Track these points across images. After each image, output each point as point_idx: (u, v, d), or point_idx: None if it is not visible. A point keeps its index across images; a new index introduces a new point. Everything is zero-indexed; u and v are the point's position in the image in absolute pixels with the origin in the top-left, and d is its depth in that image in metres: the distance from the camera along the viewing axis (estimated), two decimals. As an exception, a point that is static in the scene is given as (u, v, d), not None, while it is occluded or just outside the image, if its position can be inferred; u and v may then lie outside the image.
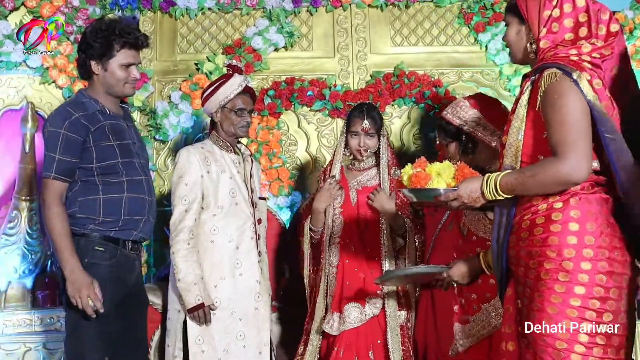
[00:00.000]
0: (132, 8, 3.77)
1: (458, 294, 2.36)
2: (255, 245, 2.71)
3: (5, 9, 3.65)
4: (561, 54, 1.80)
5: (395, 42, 3.89)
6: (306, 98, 3.73)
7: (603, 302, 1.69)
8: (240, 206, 2.71)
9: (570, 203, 1.75)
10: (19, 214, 3.47)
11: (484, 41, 3.83)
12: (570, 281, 1.70)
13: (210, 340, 2.60)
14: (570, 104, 1.72)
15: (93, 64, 2.39)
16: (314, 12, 3.86)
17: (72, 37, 3.66)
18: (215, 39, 3.85)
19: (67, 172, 2.31)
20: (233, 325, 2.63)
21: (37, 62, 3.64)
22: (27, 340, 3.33)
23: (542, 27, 1.84)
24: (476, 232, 2.39)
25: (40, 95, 3.67)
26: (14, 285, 3.42)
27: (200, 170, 2.66)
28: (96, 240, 2.34)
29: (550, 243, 1.74)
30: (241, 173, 2.78)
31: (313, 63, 3.85)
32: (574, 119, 1.71)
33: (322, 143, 3.79)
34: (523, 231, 1.81)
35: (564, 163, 1.70)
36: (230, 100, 2.73)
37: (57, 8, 3.65)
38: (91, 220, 2.35)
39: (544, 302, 1.72)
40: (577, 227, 1.73)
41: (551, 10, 1.83)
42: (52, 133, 2.31)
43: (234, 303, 2.64)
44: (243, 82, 2.76)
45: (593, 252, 1.71)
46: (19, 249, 3.43)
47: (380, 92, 3.72)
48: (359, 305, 2.64)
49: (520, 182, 1.77)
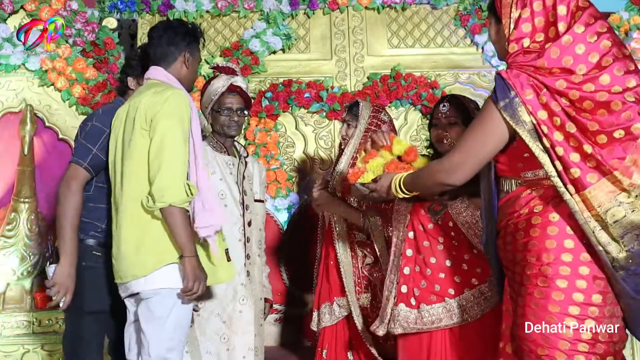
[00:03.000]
0: (130, 11, 3.80)
1: (414, 276, 2.28)
2: (242, 248, 2.69)
3: (4, 12, 3.67)
4: (522, 62, 1.69)
5: (392, 44, 3.91)
6: (303, 100, 3.75)
7: (584, 308, 1.63)
8: (229, 208, 2.69)
9: (549, 206, 1.71)
10: (17, 216, 3.48)
11: (481, 43, 3.86)
12: (549, 287, 1.65)
13: (194, 343, 2.58)
14: (487, 125, 1.73)
15: (130, 80, 2.55)
16: (311, 14, 3.88)
17: (70, 40, 3.68)
18: (213, 42, 3.86)
19: (95, 168, 2.35)
20: (217, 328, 2.61)
21: (36, 65, 3.66)
22: (25, 342, 3.36)
23: (512, 28, 1.74)
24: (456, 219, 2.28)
25: (39, 98, 3.69)
26: (13, 287, 3.43)
27: None
28: (94, 246, 2.36)
29: (531, 247, 1.70)
30: (234, 174, 2.76)
31: (310, 65, 3.87)
32: (477, 136, 1.74)
33: (320, 145, 3.81)
34: (508, 235, 1.79)
35: (440, 166, 1.82)
36: (216, 101, 2.74)
37: (56, 11, 3.67)
38: (94, 226, 2.37)
39: (526, 307, 1.69)
40: (556, 231, 1.68)
41: (521, 10, 1.72)
42: (97, 128, 2.35)
43: (217, 305, 2.62)
44: (227, 82, 2.74)
45: (572, 256, 1.66)
46: (18, 251, 3.44)
47: (377, 94, 3.74)
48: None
49: (411, 181, 1.96)
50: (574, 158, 1.61)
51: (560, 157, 1.62)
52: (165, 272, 2.11)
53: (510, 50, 1.74)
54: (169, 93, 2.18)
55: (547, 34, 1.70)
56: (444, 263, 2.25)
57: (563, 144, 1.62)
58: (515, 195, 1.79)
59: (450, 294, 2.21)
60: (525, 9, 1.72)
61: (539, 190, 1.74)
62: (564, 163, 1.62)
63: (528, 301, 1.69)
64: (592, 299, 1.64)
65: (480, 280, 2.20)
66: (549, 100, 1.63)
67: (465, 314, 2.18)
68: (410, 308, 2.25)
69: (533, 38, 1.71)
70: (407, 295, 2.27)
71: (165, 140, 2.12)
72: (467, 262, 2.23)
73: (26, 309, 3.40)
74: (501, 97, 1.67)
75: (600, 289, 1.65)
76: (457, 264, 2.23)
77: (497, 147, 1.74)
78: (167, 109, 2.14)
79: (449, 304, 2.20)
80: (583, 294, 1.64)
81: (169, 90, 2.20)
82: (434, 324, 2.20)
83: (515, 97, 1.65)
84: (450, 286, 2.22)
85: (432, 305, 2.22)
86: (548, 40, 1.69)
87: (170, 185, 2.09)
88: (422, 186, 1.94)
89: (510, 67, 1.71)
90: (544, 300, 1.66)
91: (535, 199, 1.74)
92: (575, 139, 1.62)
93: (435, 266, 2.25)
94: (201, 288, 2.11)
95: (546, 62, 1.65)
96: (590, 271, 1.65)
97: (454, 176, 1.79)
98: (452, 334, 2.20)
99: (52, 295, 2.27)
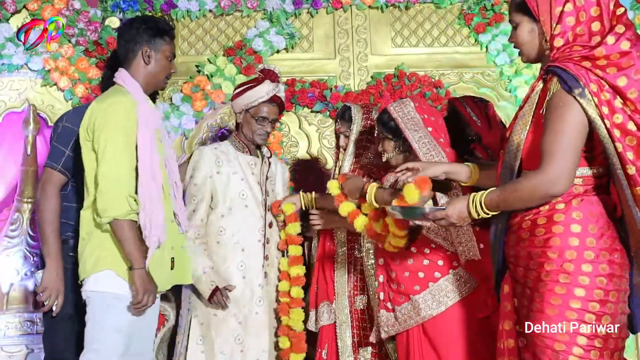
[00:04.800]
0: (133, 10, 3.78)
1: (387, 283, 2.40)
2: (262, 249, 2.70)
3: (6, 11, 3.66)
4: (575, 55, 1.74)
5: (396, 43, 3.89)
6: (307, 99, 3.74)
7: (602, 305, 1.69)
8: (250, 208, 2.70)
9: (572, 204, 1.75)
10: (20, 216, 3.48)
11: (485, 42, 3.84)
12: (571, 283, 1.69)
13: (210, 343, 2.59)
14: (570, 117, 1.69)
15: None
16: (314, 13, 3.87)
17: (73, 40, 3.67)
18: (216, 41, 3.85)
19: (70, 169, 2.36)
20: (232, 329, 2.62)
21: (39, 65, 3.65)
22: (29, 342, 3.35)
23: (554, 23, 1.77)
24: None
25: (41, 98, 3.68)
26: (16, 287, 3.42)
27: (209, 171, 2.67)
28: (71, 247, 2.37)
29: (552, 244, 1.73)
30: (256, 175, 2.76)
31: (314, 64, 3.85)
32: (567, 133, 1.69)
33: (323, 144, 3.80)
34: (524, 231, 1.81)
35: (542, 177, 1.71)
36: (255, 107, 2.72)
37: (59, 11, 3.66)
38: (70, 226, 2.37)
39: (544, 303, 1.71)
40: (579, 229, 1.72)
41: (563, 6, 1.76)
42: (67, 129, 2.35)
43: (235, 306, 2.63)
44: (271, 91, 2.72)
45: (594, 254, 1.70)
46: (21, 251, 3.44)
47: (381, 93, 3.73)
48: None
49: (503, 198, 1.80)
50: (630, 156, 1.67)
51: (619, 153, 1.67)
52: (99, 277, 2.13)
53: (556, 45, 1.77)
54: (108, 102, 2.14)
55: (590, 28, 1.74)
56: (406, 262, 2.32)
57: (621, 140, 1.67)
58: None
59: (416, 290, 2.29)
60: (568, 4, 1.75)
61: None
62: (622, 159, 1.67)
63: (547, 297, 1.71)
64: (610, 296, 1.70)
65: (443, 273, 2.28)
66: (612, 97, 1.68)
67: (430, 309, 2.26)
68: (389, 312, 2.37)
69: (575, 31, 1.75)
70: (384, 301, 2.39)
71: (105, 153, 2.09)
72: (428, 257, 2.31)
73: (30, 309, 3.38)
74: (574, 86, 1.68)
75: (616, 286, 1.71)
76: (418, 260, 2.31)
77: (584, 135, 1.71)
78: (105, 119, 2.10)
79: (414, 301, 2.28)
80: (602, 291, 1.69)
81: (110, 99, 2.16)
82: (406, 322, 2.30)
83: (585, 88, 1.68)
84: (415, 283, 2.30)
85: (402, 305, 2.32)
86: (592, 34, 1.74)
87: (113, 199, 2.07)
88: (520, 202, 1.79)
89: (564, 61, 1.73)
90: (565, 296, 1.69)
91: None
92: (633, 136, 1.66)
93: (399, 267, 2.34)
94: (151, 300, 2.12)
95: (605, 49, 1.69)
96: (609, 268, 1.70)
97: (561, 183, 1.71)
98: (423, 329, 2.28)
99: (43, 300, 2.28)
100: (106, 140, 2.08)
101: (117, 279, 2.13)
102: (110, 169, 2.08)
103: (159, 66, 2.30)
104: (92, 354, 2.13)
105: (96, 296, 2.14)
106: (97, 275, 2.14)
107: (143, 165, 2.11)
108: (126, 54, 2.28)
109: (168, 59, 2.33)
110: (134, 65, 2.27)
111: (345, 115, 2.78)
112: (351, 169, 2.73)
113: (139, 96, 2.21)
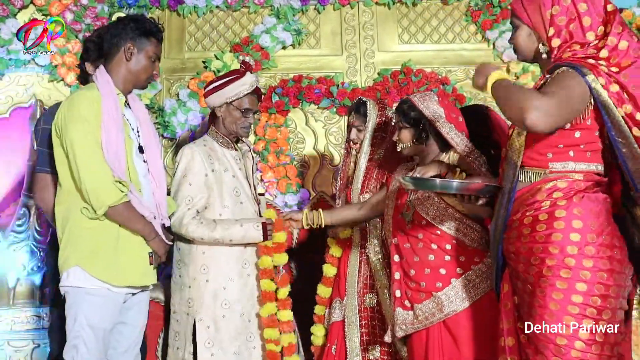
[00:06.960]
0: (140, 6, 3.78)
1: (405, 280, 2.36)
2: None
3: (14, 7, 3.66)
4: (579, 54, 1.81)
5: (403, 39, 3.89)
6: (314, 96, 3.74)
7: (604, 299, 1.71)
8: (245, 205, 2.67)
9: (573, 201, 1.77)
10: (27, 211, 3.47)
11: (492, 39, 3.84)
12: (572, 278, 1.71)
13: (220, 344, 2.56)
14: (573, 83, 1.74)
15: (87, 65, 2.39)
16: (321, 10, 3.87)
17: (80, 35, 3.67)
18: (223, 37, 3.85)
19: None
20: (243, 327, 2.61)
21: (46, 60, 3.65)
22: (35, 337, 3.35)
23: (548, 27, 1.86)
24: (426, 215, 2.33)
25: (48, 93, 3.68)
26: (23, 282, 3.42)
27: (205, 169, 2.61)
28: None
29: (553, 240, 1.75)
30: (242, 170, 2.73)
31: (321, 61, 3.85)
32: (567, 89, 1.73)
33: (330, 141, 3.79)
34: (525, 227, 1.82)
35: (530, 102, 1.69)
36: (239, 99, 2.68)
37: (66, 6, 3.66)
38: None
39: (546, 298, 1.73)
40: (580, 225, 1.75)
41: (551, 8, 1.85)
42: (46, 130, 2.34)
43: (243, 304, 2.62)
44: (255, 83, 2.72)
45: (595, 250, 1.73)
46: (28, 246, 3.43)
47: (388, 90, 3.73)
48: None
49: (503, 89, 1.82)
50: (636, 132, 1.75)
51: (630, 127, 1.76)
52: (70, 273, 2.18)
53: (554, 45, 1.85)
54: (72, 97, 2.18)
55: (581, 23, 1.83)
56: (426, 259, 2.30)
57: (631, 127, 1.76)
58: (537, 186, 1.82)
59: (438, 287, 2.26)
60: (555, 6, 1.84)
61: (563, 182, 1.79)
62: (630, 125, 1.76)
63: (549, 292, 1.73)
64: (610, 291, 1.72)
65: (465, 269, 2.25)
66: (620, 90, 1.74)
67: (454, 305, 2.23)
68: (406, 310, 2.32)
69: (569, 28, 1.83)
70: (401, 299, 2.35)
71: (74, 148, 2.12)
72: (449, 253, 2.28)
73: (36, 304, 3.38)
74: (585, 73, 1.75)
75: (616, 282, 1.73)
76: (439, 257, 2.29)
77: (580, 104, 1.75)
78: (68, 115, 2.14)
79: (437, 298, 2.25)
80: (603, 286, 1.71)
81: (75, 94, 2.20)
82: (427, 319, 2.26)
83: (595, 77, 1.74)
84: (437, 280, 2.27)
85: (423, 303, 2.28)
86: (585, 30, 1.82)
87: (101, 189, 2.11)
88: (504, 103, 1.79)
89: (568, 59, 1.80)
90: (567, 291, 1.71)
91: (559, 192, 1.79)
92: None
93: (419, 264, 2.31)
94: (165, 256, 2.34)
95: (607, 51, 1.78)
96: (609, 264, 1.73)
97: (536, 117, 1.68)
98: (445, 326, 2.25)
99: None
100: (73, 136, 2.12)
101: (84, 274, 2.16)
102: (86, 162, 2.11)
103: (140, 65, 2.30)
104: (72, 351, 2.16)
105: (70, 291, 2.19)
106: (68, 272, 2.19)
107: (107, 155, 2.13)
108: (110, 48, 2.28)
109: (151, 59, 2.32)
110: (115, 60, 2.28)
111: (361, 110, 2.77)
112: (367, 166, 2.75)
113: (106, 90, 2.20)
